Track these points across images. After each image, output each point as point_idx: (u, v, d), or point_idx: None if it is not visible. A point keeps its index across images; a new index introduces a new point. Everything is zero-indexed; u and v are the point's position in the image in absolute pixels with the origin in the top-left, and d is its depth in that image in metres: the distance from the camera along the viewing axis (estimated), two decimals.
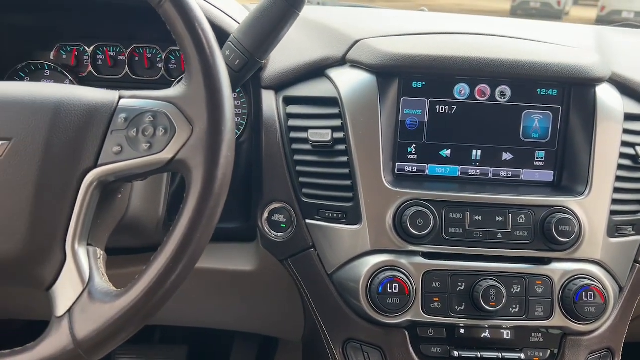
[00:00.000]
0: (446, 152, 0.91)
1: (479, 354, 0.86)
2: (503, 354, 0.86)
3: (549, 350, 0.88)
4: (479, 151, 0.91)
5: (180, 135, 0.64)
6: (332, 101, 0.90)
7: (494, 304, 0.83)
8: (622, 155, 0.89)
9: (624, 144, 0.89)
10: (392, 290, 0.82)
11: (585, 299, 0.84)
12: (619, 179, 0.88)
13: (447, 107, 0.90)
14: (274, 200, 0.92)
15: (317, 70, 0.95)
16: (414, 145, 0.90)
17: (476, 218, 0.86)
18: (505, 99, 0.90)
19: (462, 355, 0.86)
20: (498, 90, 0.90)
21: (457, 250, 0.86)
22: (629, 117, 0.91)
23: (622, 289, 0.90)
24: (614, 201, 0.88)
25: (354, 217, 0.87)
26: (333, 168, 0.89)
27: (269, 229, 0.92)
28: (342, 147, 0.88)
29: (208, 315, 1.14)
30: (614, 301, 0.86)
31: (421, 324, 0.85)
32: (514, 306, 0.85)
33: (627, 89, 0.95)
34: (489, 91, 0.90)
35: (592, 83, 0.89)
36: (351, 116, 0.87)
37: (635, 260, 0.91)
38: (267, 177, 0.92)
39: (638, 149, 0.89)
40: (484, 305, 0.82)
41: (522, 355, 0.86)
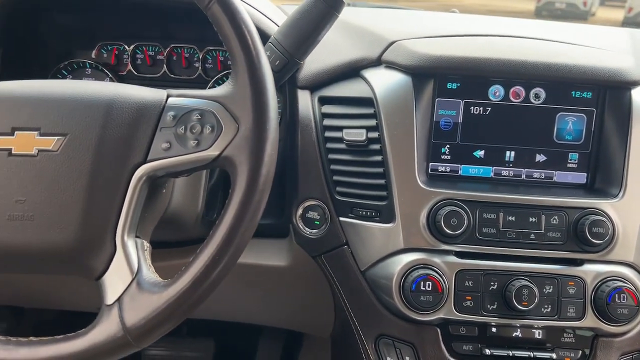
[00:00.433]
0: (480, 153, 0.92)
1: (510, 352, 0.87)
2: (534, 354, 0.86)
3: (581, 351, 0.88)
4: (513, 152, 0.92)
5: (226, 133, 0.66)
6: (367, 101, 0.92)
7: (526, 303, 0.83)
8: None
9: None
10: (425, 288, 0.83)
11: (617, 300, 0.84)
12: None
13: (482, 108, 0.91)
14: (308, 197, 0.94)
15: (352, 70, 0.97)
16: (448, 146, 0.92)
17: (509, 218, 0.87)
18: (539, 101, 0.91)
19: (494, 354, 0.87)
20: (532, 92, 0.91)
21: (490, 250, 0.87)
22: None
23: None
24: None
25: (388, 216, 0.88)
26: (367, 167, 0.90)
27: (303, 226, 0.94)
28: (377, 147, 0.89)
29: (239, 309, 1.16)
30: None
31: (453, 322, 0.87)
32: (546, 306, 0.86)
33: None
34: (523, 93, 0.91)
35: (628, 86, 0.89)
36: (386, 116, 0.89)
37: None
38: (302, 175, 0.94)
39: None
40: (517, 305, 0.83)
41: (554, 355, 0.87)
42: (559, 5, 13.51)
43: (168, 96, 0.70)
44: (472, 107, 0.91)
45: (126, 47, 1.11)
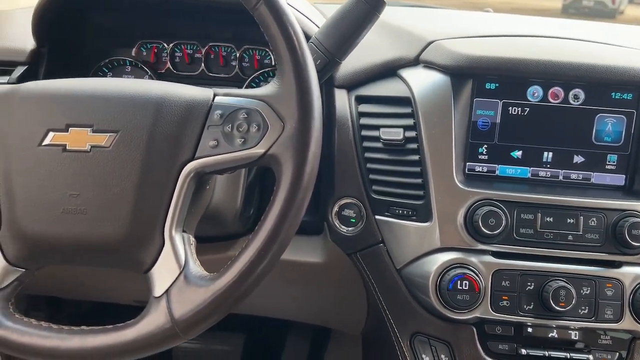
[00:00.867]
0: (517, 154, 0.92)
1: (546, 352, 0.87)
2: (571, 355, 0.86)
3: (617, 353, 0.88)
4: (550, 153, 0.92)
5: (272, 132, 0.68)
6: (405, 101, 0.92)
7: (564, 304, 0.83)
8: None
9: None
10: (462, 287, 0.84)
11: None
12: None
13: (520, 109, 0.91)
14: (344, 195, 0.95)
15: (389, 70, 0.98)
16: (485, 146, 0.92)
17: (547, 219, 0.87)
18: (578, 102, 0.91)
19: (530, 354, 0.87)
20: (572, 93, 0.90)
21: (527, 250, 0.87)
22: None
23: None
24: None
25: (424, 215, 0.89)
26: (404, 166, 0.91)
27: (338, 224, 0.96)
28: (414, 146, 0.90)
29: (273, 304, 1.18)
30: None
31: (489, 321, 0.87)
32: (583, 308, 0.85)
33: None
34: (562, 94, 0.91)
35: None
36: (424, 116, 0.89)
37: None
38: (339, 174, 0.95)
39: None
40: (554, 306, 0.83)
41: (590, 357, 0.87)
42: (587, 3, 13.25)
43: (215, 95, 0.71)
44: (511, 108, 0.91)
45: (165, 46, 1.14)
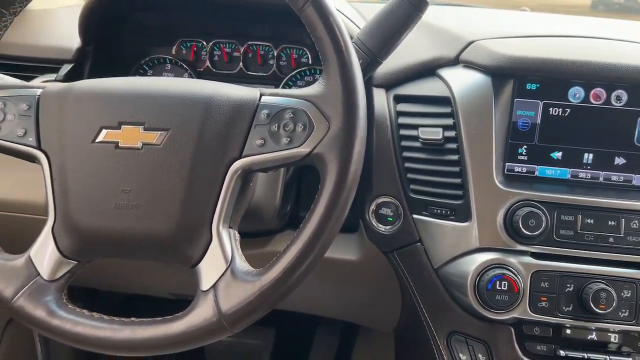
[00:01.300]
0: (557, 155, 0.92)
1: (585, 355, 0.86)
2: (610, 357, 0.86)
3: None
4: (591, 154, 0.91)
5: (317, 132, 0.69)
6: (444, 100, 0.93)
7: (604, 307, 0.83)
8: None
9: None
10: (501, 288, 0.84)
11: None
12: None
13: (561, 110, 0.90)
14: (381, 194, 0.96)
15: (428, 69, 0.98)
16: (525, 146, 0.92)
17: (588, 221, 0.86)
18: (621, 103, 0.90)
19: (568, 355, 0.87)
20: (614, 94, 0.90)
21: (567, 252, 0.86)
22: None
23: None
24: None
25: (463, 215, 0.89)
26: (443, 166, 0.91)
27: (375, 222, 0.96)
28: (453, 146, 0.90)
29: (307, 300, 1.19)
30: None
31: (527, 322, 0.87)
32: (624, 310, 0.85)
33: None
34: (604, 95, 0.90)
35: None
36: (464, 115, 0.89)
37: None
38: (376, 172, 0.96)
39: None
40: (594, 308, 0.83)
41: None
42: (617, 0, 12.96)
43: (261, 95, 0.73)
44: (551, 108, 0.90)
45: (204, 44, 1.16)
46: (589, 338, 0.87)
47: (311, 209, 0.68)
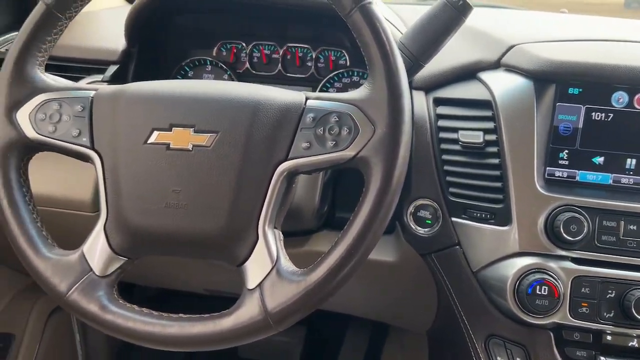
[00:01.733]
0: (599, 160, 0.91)
1: None
2: None
3: None
4: (634, 160, 0.90)
5: (363, 135, 0.70)
6: (485, 104, 0.93)
7: None
8: None
9: None
10: (542, 292, 0.84)
11: None
12: None
13: (604, 115, 0.90)
14: (420, 196, 0.96)
15: (469, 73, 0.98)
16: (566, 151, 0.91)
17: (631, 227, 0.86)
18: None
19: None
20: None
21: (609, 258, 0.86)
22: None
23: None
24: None
25: (503, 219, 0.89)
26: (483, 169, 0.92)
27: (414, 224, 0.97)
28: (494, 150, 0.90)
29: (342, 300, 1.20)
30: None
31: (567, 327, 0.87)
32: None
33: None
34: None
35: None
36: (506, 119, 0.89)
37: None
38: (415, 175, 0.97)
39: None
40: (635, 315, 0.82)
41: None
42: None
43: (307, 99, 0.74)
44: (594, 113, 0.90)
45: (244, 46, 1.18)
46: (629, 345, 0.86)
47: (355, 211, 0.69)
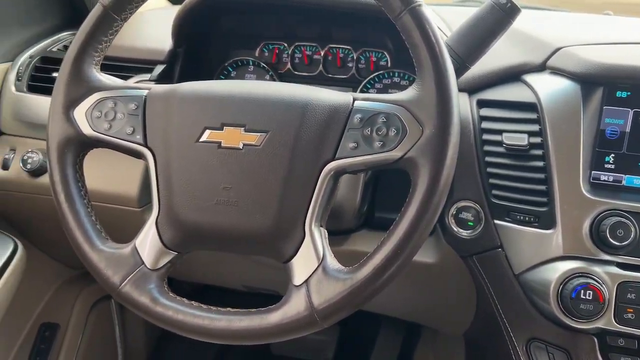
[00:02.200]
0: None
1: None
2: None
3: None
4: None
5: (410, 136, 0.70)
6: (530, 106, 0.92)
7: None
8: None
9: None
10: (586, 297, 0.83)
11: None
12: None
13: None
14: (462, 198, 0.96)
15: (513, 75, 0.98)
16: (613, 155, 0.90)
17: None
18: None
19: None
20: None
21: None
22: None
23: None
24: None
25: (547, 222, 0.89)
26: (527, 172, 0.91)
27: (455, 226, 0.97)
28: (539, 152, 0.90)
29: (381, 300, 1.19)
30: None
31: (612, 333, 0.86)
32: None
33: None
34: None
35: None
36: (551, 122, 0.89)
37: None
38: (458, 176, 0.96)
39: None
40: None
41: None
42: None
43: (354, 100, 0.75)
44: None
45: (286, 47, 1.19)
46: None
47: (402, 211, 0.70)
